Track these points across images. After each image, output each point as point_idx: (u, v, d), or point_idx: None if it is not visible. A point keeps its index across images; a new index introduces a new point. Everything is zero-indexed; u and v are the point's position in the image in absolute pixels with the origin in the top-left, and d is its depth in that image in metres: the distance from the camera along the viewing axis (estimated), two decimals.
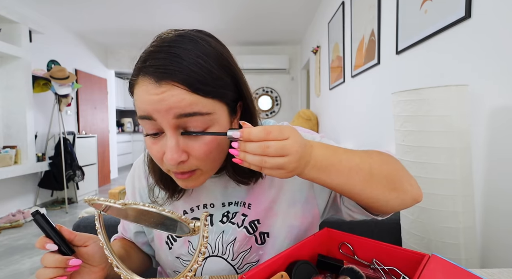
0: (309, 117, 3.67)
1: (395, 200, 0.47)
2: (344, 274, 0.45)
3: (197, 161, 0.45)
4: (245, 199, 0.57)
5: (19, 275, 2.02)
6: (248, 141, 0.38)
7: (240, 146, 0.39)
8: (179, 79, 0.41)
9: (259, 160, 0.38)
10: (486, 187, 0.92)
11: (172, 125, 0.43)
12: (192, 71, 0.42)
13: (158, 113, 0.42)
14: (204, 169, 0.47)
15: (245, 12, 3.71)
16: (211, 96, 0.44)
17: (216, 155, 0.47)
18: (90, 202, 0.43)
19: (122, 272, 0.45)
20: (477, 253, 0.84)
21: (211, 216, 0.57)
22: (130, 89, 0.47)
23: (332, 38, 2.94)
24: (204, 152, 0.45)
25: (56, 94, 3.56)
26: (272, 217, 0.56)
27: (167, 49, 0.43)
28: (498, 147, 0.88)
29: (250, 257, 0.56)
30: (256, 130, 0.38)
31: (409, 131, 0.84)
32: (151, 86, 0.42)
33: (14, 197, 3.33)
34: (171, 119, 0.42)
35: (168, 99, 0.41)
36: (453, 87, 0.79)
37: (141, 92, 0.43)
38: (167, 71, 0.41)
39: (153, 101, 0.42)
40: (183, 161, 0.44)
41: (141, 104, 0.43)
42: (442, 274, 0.42)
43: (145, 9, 3.62)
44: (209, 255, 0.56)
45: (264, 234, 0.56)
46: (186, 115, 0.42)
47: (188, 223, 0.38)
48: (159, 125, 0.44)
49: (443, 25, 1.11)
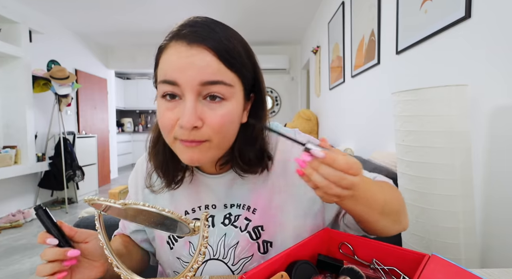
0: (309, 117, 3.67)
1: (394, 229, 0.53)
2: (344, 274, 0.45)
3: (209, 131, 0.46)
4: (249, 202, 0.56)
5: (19, 275, 2.02)
6: (326, 164, 0.39)
7: (313, 164, 0.39)
8: (210, 45, 0.44)
9: (326, 184, 0.39)
10: (486, 187, 0.92)
11: (195, 91, 0.44)
12: (223, 42, 0.45)
13: (184, 78, 0.44)
14: (214, 142, 0.47)
15: (245, 12, 3.71)
16: (234, 69, 0.46)
17: (227, 130, 0.47)
18: (90, 202, 0.43)
19: (122, 272, 0.45)
20: (477, 253, 0.84)
21: (212, 217, 0.57)
22: (157, 56, 0.48)
23: (332, 38, 2.94)
24: (218, 122, 0.45)
25: (56, 94, 3.56)
26: (277, 226, 0.55)
27: (202, 22, 0.47)
28: (498, 147, 0.88)
29: (251, 265, 0.55)
30: (341, 161, 0.38)
31: (409, 131, 0.84)
32: (183, 48, 0.44)
33: (14, 197, 3.33)
34: (195, 85, 0.44)
35: (197, 63, 0.43)
36: (453, 87, 0.79)
37: (171, 56, 0.45)
38: (201, 35, 0.44)
39: (181, 65, 0.44)
40: (197, 127, 0.45)
41: (168, 68, 0.45)
42: (442, 274, 0.42)
43: (145, 9, 3.62)
44: (210, 258, 0.56)
45: (267, 243, 0.55)
46: (210, 83, 0.44)
47: (188, 223, 0.38)
48: (180, 91, 0.45)
49: (443, 25, 1.11)
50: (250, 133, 0.52)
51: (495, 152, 0.89)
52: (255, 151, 0.53)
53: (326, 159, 0.38)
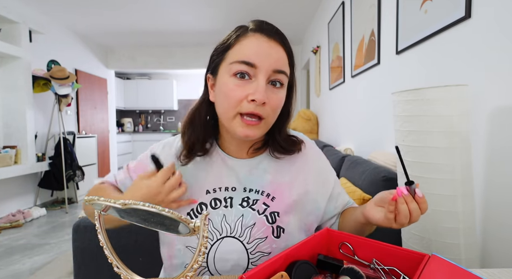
0: (309, 117, 3.67)
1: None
2: (344, 274, 0.45)
3: (269, 109, 0.56)
4: (268, 190, 0.62)
5: (19, 275, 2.02)
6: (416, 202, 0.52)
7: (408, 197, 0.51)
8: (284, 43, 0.57)
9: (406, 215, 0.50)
10: (486, 187, 0.92)
11: (268, 75, 0.55)
12: (288, 43, 0.58)
13: (262, 62, 0.54)
14: (268, 120, 0.57)
15: (245, 12, 3.71)
16: (291, 65, 0.59)
17: (278, 113, 0.59)
18: (90, 202, 0.43)
19: (122, 272, 0.45)
20: (477, 253, 0.84)
21: (231, 199, 0.61)
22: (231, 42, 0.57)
23: (332, 38, 2.93)
24: (276, 103, 0.56)
25: (56, 94, 3.56)
26: (291, 215, 0.61)
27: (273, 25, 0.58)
28: (498, 147, 0.88)
29: (264, 247, 0.58)
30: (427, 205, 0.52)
31: (409, 131, 0.84)
32: (263, 39, 0.55)
33: (14, 197, 3.33)
34: (270, 70, 0.54)
35: (274, 54, 0.55)
36: (453, 87, 0.79)
37: (251, 43, 0.55)
38: (278, 34, 0.57)
39: (262, 52, 0.54)
40: (265, 103, 0.54)
41: (248, 51, 0.54)
42: (442, 274, 0.42)
43: (145, 9, 3.62)
44: (227, 235, 0.59)
45: (281, 228, 0.60)
46: (279, 71, 0.55)
47: (188, 223, 0.38)
48: (255, 72, 0.54)
49: (443, 25, 1.11)
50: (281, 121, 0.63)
51: (495, 152, 0.89)
52: (285, 134, 0.64)
53: (421, 199, 0.51)
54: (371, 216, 0.54)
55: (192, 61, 5.42)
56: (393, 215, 0.51)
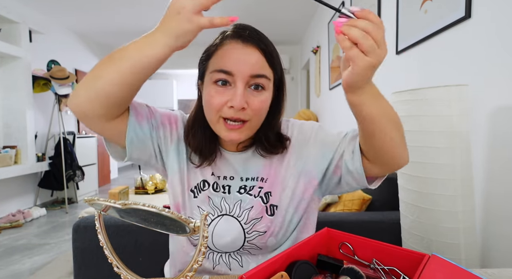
0: (309, 117, 3.67)
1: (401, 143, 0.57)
2: (344, 274, 0.45)
3: (251, 112, 0.57)
4: (262, 174, 0.66)
5: (19, 275, 2.02)
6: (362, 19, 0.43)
7: (350, 21, 0.43)
8: (259, 46, 0.57)
9: (364, 35, 0.42)
10: (486, 187, 0.92)
11: (246, 81, 0.56)
12: (266, 44, 0.58)
13: (238, 70, 0.55)
14: (252, 123, 0.58)
15: (245, 12, 3.71)
16: (273, 67, 0.59)
17: (262, 114, 0.60)
18: (90, 202, 0.43)
19: (122, 272, 0.45)
20: (477, 253, 0.84)
21: (229, 187, 0.65)
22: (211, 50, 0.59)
23: (332, 38, 2.93)
24: (258, 106, 0.57)
25: (56, 94, 3.56)
26: (282, 191, 0.64)
27: (251, 28, 0.59)
28: (498, 147, 0.88)
29: (259, 226, 0.62)
30: (374, 15, 0.44)
31: (409, 131, 0.84)
32: (239, 46, 0.56)
33: (14, 197, 3.33)
34: (247, 76, 0.55)
35: (250, 59, 0.56)
36: (453, 87, 0.79)
37: (227, 51, 0.56)
38: (253, 38, 0.57)
39: (237, 59, 0.55)
40: (244, 108, 0.56)
41: (226, 60, 0.56)
42: (442, 274, 0.42)
43: (144, 9, 3.62)
44: (226, 213, 0.63)
45: (274, 206, 0.63)
46: (257, 76, 0.56)
47: (188, 223, 0.38)
48: (232, 80, 0.56)
49: (443, 25, 1.11)
50: (272, 120, 0.64)
51: (495, 152, 0.89)
52: (274, 134, 0.65)
53: (362, 13, 0.43)
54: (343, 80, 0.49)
55: (192, 61, 5.41)
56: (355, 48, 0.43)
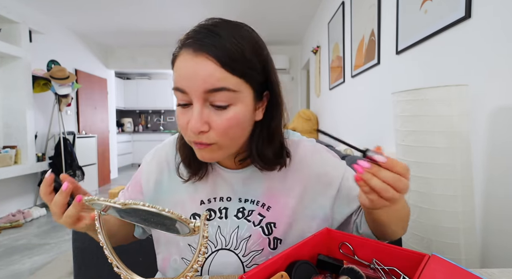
0: (309, 117, 3.67)
1: (400, 234, 0.57)
2: (344, 274, 0.45)
3: (216, 135, 0.48)
4: (263, 200, 0.59)
5: (19, 275, 2.02)
6: (385, 168, 0.41)
7: (372, 169, 0.42)
8: (212, 53, 0.45)
9: (384, 187, 0.41)
10: (486, 187, 0.92)
11: (200, 98, 0.47)
12: (226, 48, 0.46)
13: (190, 87, 0.46)
14: (222, 144, 0.50)
15: (245, 12, 3.71)
16: (238, 74, 0.47)
17: (235, 133, 0.50)
18: (90, 202, 0.43)
19: (122, 272, 0.45)
20: (477, 253, 0.84)
21: (226, 210, 0.59)
22: (172, 63, 0.51)
23: (332, 38, 2.93)
24: (223, 127, 0.48)
25: (56, 94, 3.56)
26: (288, 225, 0.58)
27: (209, 28, 0.48)
28: (498, 147, 0.88)
29: (260, 259, 0.57)
30: (400, 165, 0.41)
31: (409, 131, 0.84)
32: (189, 56, 0.46)
33: (14, 197, 3.33)
34: (201, 93, 0.46)
35: (201, 72, 0.45)
36: (453, 87, 0.79)
37: (180, 64, 0.48)
38: (204, 44, 0.46)
39: (187, 74, 0.46)
40: (204, 132, 0.48)
41: (178, 76, 0.48)
42: (442, 274, 0.42)
43: (144, 9, 3.62)
44: (222, 247, 0.57)
45: (278, 240, 0.57)
46: (214, 90, 0.46)
47: (188, 223, 0.38)
48: (189, 98, 0.47)
49: (443, 25, 1.11)
50: (266, 130, 0.54)
51: (495, 152, 0.89)
52: (273, 148, 0.55)
53: (387, 164, 0.41)
54: (361, 204, 0.47)
55: None
56: (374, 194, 0.42)
